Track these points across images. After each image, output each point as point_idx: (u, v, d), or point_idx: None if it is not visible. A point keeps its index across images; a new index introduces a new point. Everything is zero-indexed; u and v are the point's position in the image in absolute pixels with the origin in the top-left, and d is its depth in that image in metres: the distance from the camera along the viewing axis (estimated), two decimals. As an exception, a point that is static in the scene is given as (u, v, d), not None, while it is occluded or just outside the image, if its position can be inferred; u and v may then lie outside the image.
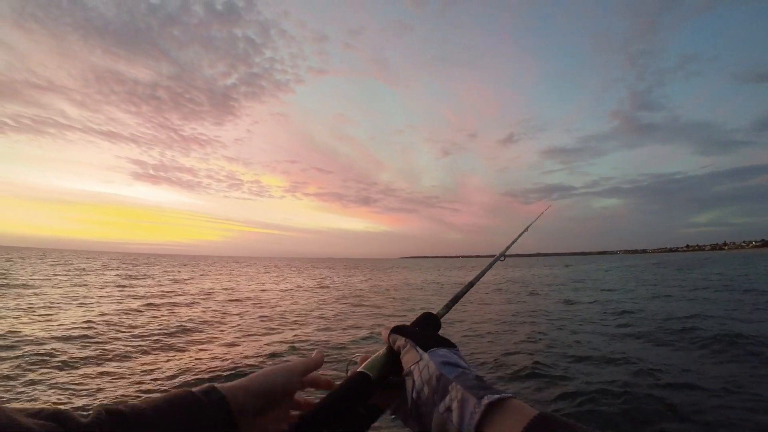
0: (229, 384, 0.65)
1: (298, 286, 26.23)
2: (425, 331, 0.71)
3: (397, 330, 0.71)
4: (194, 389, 0.61)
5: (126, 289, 20.64)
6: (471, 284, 1.02)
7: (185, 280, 29.69)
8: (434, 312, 0.82)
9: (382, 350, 0.72)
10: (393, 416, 0.71)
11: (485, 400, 0.49)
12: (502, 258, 1.30)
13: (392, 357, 0.70)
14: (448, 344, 0.66)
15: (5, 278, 23.12)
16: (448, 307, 0.88)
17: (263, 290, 22.99)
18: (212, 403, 0.60)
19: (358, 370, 0.68)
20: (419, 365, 0.62)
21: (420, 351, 0.64)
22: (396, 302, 17.75)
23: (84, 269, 37.40)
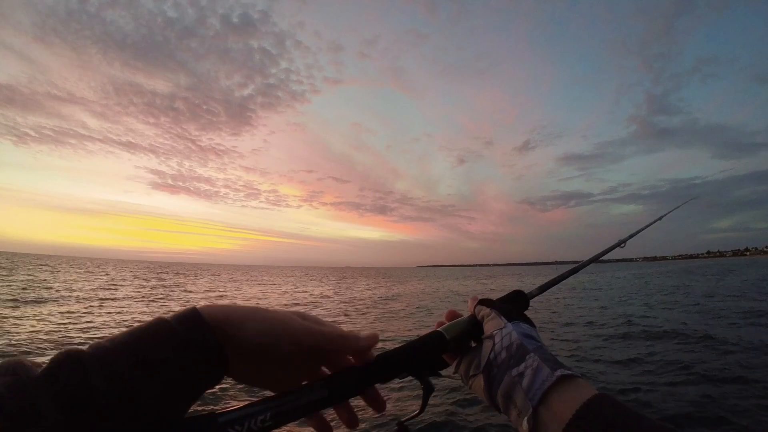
0: (217, 309, 0.54)
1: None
2: (512, 305, 0.75)
3: (484, 302, 0.75)
4: (169, 315, 0.51)
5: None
6: (572, 271, 0.98)
7: (265, 285, 30.46)
8: (525, 291, 0.82)
9: (464, 317, 0.75)
10: (455, 372, 0.73)
11: (558, 372, 0.54)
12: (622, 245, 1.28)
13: (472, 325, 0.73)
14: (530, 323, 0.69)
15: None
16: (542, 289, 0.87)
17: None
18: (190, 332, 0.49)
19: (436, 329, 0.71)
20: (502, 332, 0.66)
21: (504, 320, 0.67)
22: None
23: (169, 282, 38.40)
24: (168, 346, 0.47)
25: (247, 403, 0.52)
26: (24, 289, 21.21)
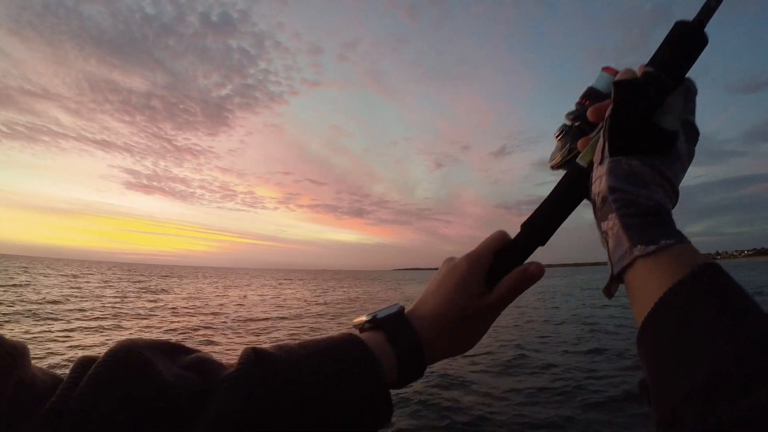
0: (420, 312, 0.54)
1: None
2: (653, 96, 0.49)
3: (620, 85, 0.50)
4: (362, 333, 0.52)
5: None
6: None
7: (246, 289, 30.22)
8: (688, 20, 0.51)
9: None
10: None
11: (636, 252, 0.42)
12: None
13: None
14: (651, 149, 0.48)
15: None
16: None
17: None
18: (403, 352, 0.49)
19: (578, 162, 0.56)
20: (596, 172, 0.51)
21: (604, 153, 0.50)
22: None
23: (159, 286, 37.67)
24: (362, 370, 0.46)
25: None
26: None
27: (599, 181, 0.50)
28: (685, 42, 0.50)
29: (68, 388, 0.36)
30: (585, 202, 0.57)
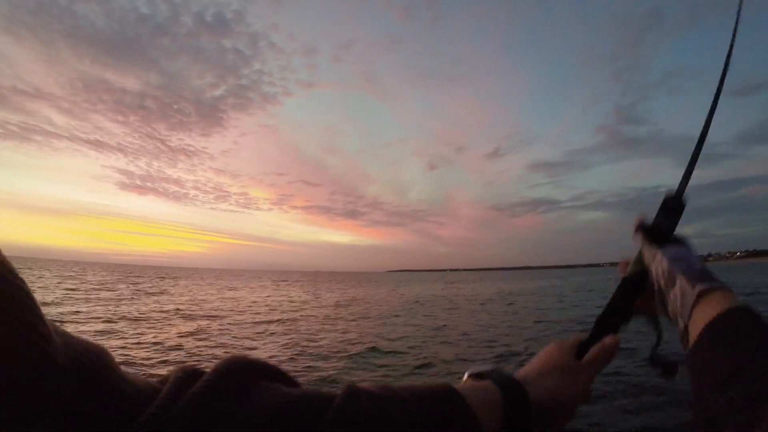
0: (531, 380, 0.61)
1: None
2: (663, 225, 0.72)
3: (640, 228, 0.73)
4: (465, 386, 0.55)
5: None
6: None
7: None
8: (673, 191, 0.73)
9: (636, 255, 0.76)
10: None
11: (698, 288, 0.56)
12: None
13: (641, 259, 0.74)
14: (679, 243, 0.69)
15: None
16: (686, 178, 0.75)
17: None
18: (511, 408, 0.55)
19: (624, 276, 0.74)
20: (655, 260, 0.67)
21: (654, 248, 0.68)
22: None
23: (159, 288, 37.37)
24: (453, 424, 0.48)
25: None
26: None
27: (659, 265, 0.66)
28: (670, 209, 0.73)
29: (170, 399, 0.36)
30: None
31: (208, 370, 0.42)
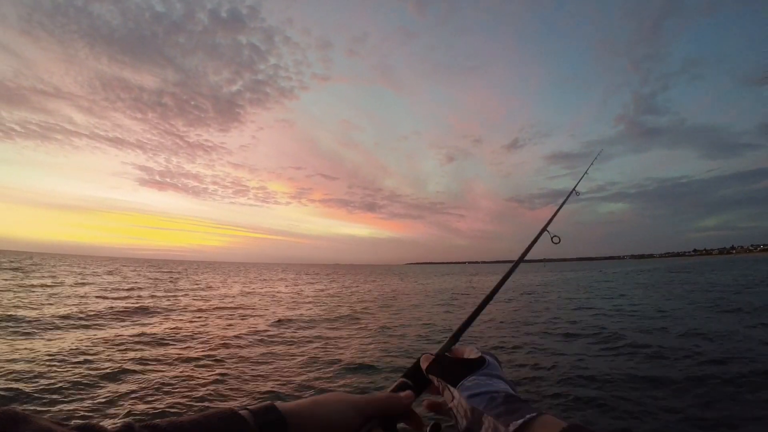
0: (291, 404, 0.60)
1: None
2: (453, 359, 0.71)
3: (429, 369, 0.71)
4: (245, 408, 0.57)
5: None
6: (488, 298, 0.88)
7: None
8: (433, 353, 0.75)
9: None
10: None
11: (511, 427, 0.51)
12: (555, 239, 1.24)
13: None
14: (475, 366, 0.67)
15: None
16: (456, 337, 0.77)
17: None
18: (264, 428, 0.54)
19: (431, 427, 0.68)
20: (454, 403, 0.64)
21: (451, 389, 0.66)
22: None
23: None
24: None
25: None
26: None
27: (460, 405, 0.63)
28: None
29: None
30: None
31: None
